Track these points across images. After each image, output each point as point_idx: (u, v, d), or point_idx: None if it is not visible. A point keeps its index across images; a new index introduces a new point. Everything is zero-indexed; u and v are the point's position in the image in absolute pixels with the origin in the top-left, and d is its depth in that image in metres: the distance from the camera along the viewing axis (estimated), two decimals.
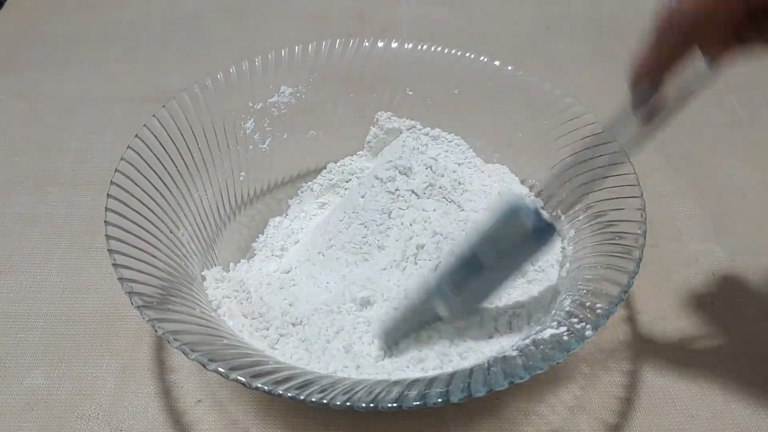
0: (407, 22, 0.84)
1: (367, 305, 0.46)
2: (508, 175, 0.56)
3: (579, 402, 0.47)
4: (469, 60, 0.57)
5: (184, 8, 0.86)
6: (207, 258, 0.49)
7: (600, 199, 0.47)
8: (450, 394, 0.34)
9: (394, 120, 0.57)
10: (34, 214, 0.59)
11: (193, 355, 0.35)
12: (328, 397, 0.34)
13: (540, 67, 0.78)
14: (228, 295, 0.46)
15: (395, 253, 0.48)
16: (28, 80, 0.74)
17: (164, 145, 0.48)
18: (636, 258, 0.41)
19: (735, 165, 0.65)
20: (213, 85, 0.53)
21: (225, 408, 0.46)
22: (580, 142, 0.50)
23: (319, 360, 0.42)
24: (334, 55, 0.58)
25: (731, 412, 0.47)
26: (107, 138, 0.67)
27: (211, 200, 0.52)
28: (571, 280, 0.45)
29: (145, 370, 0.48)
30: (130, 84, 0.74)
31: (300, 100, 0.57)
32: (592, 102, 0.54)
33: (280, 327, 0.43)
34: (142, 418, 0.45)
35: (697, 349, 0.50)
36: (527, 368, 0.35)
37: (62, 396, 0.47)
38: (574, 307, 0.40)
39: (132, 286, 0.39)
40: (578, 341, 0.37)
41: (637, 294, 0.54)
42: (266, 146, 0.56)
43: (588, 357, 0.49)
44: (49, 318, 0.51)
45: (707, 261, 0.57)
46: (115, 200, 0.43)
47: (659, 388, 0.48)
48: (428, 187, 0.50)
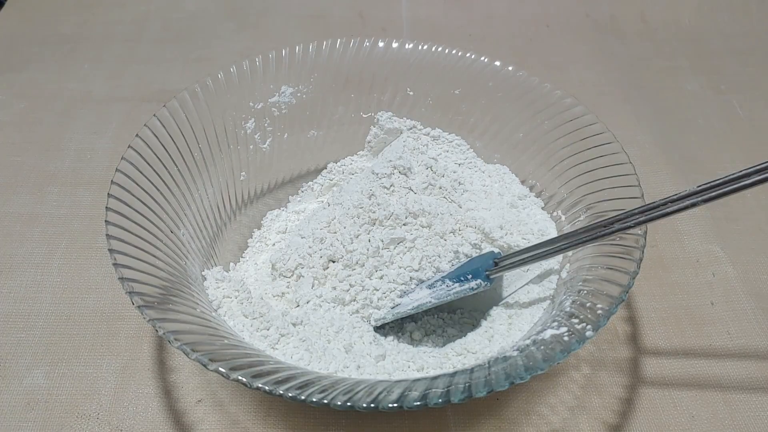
0: (407, 22, 0.84)
1: (331, 263, 0.47)
2: (508, 175, 0.56)
3: (579, 402, 0.47)
4: (470, 60, 0.57)
5: (184, 8, 0.86)
6: (207, 258, 0.49)
7: (600, 200, 0.47)
8: (451, 395, 0.34)
9: (394, 120, 0.57)
10: (34, 214, 0.59)
11: (193, 355, 0.35)
12: (329, 397, 0.34)
13: (540, 67, 0.78)
14: (228, 294, 0.46)
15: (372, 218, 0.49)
16: (28, 80, 0.74)
17: (165, 144, 0.48)
18: (636, 258, 0.41)
19: (735, 165, 0.65)
20: (213, 84, 0.53)
21: (225, 408, 0.46)
22: (581, 143, 0.50)
23: (320, 360, 0.42)
24: (334, 55, 0.58)
25: (731, 412, 0.47)
26: (107, 138, 0.67)
27: (211, 200, 0.52)
28: (571, 280, 0.45)
29: (145, 370, 0.48)
30: (130, 84, 0.74)
31: (300, 99, 0.57)
32: (592, 102, 0.54)
33: (281, 327, 0.43)
34: (143, 418, 0.45)
35: (697, 349, 0.50)
36: (528, 368, 0.35)
37: (62, 396, 0.47)
38: (575, 308, 0.40)
39: (132, 285, 0.38)
40: (579, 342, 0.37)
41: (637, 294, 0.54)
42: (267, 146, 0.56)
43: (588, 357, 0.49)
44: (49, 318, 0.51)
45: (707, 261, 0.57)
46: (115, 200, 0.43)
47: (659, 388, 0.48)
48: (428, 187, 0.50)
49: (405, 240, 0.47)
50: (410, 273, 0.46)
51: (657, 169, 0.65)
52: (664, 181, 0.63)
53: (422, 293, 0.46)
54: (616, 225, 0.41)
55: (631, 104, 0.72)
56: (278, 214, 0.57)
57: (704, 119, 0.71)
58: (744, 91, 0.75)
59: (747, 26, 0.85)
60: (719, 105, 0.73)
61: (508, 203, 0.52)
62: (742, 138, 0.69)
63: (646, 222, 0.40)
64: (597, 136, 0.50)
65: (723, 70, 0.78)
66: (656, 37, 0.82)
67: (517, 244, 0.49)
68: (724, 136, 0.69)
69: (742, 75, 0.78)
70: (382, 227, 0.48)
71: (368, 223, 0.48)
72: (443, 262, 0.47)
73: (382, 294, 0.46)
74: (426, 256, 0.47)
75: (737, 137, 0.69)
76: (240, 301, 0.45)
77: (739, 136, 0.69)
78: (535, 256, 0.45)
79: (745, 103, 0.73)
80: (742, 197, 0.62)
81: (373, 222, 0.48)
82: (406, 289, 0.46)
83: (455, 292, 0.46)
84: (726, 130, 0.70)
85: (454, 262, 0.47)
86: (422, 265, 0.47)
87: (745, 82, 0.77)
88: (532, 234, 0.50)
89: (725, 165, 0.65)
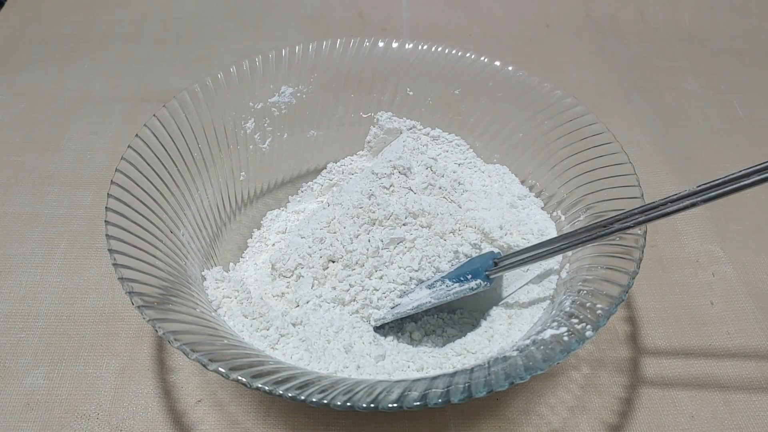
0: (407, 22, 0.84)
1: (331, 262, 0.48)
2: (508, 175, 0.56)
3: (579, 402, 0.47)
4: (470, 60, 0.57)
5: (184, 8, 0.86)
6: (207, 258, 0.49)
7: (600, 200, 0.47)
8: (450, 395, 0.34)
9: (394, 120, 0.57)
10: (34, 214, 0.59)
11: (193, 355, 0.35)
12: (329, 397, 0.34)
13: (540, 67, 0.78)
14: (228, 295, 0.46)
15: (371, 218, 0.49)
16: (28, 80, 0.74)
17: (165, 144, 0.48)
18: (636, 258, 0.41)
19: (735, 165, 0.65)
20: (213, 84, 0.53)
21: (225, 408, 0.46)
22: (581, 143, 0.50)
23: (320, 360, 0.42)
24: (334, 55, 0.58)
25: (731, 412, 0.47)
26: (107, 138, 0.67)
27: (211, 200, 0.52)
28: (571, 280, 0.45)
29: (145, 370, 0.48)
30: (130, 84, 0.74)
31: (300, 99, 0.57)
32: (592, 102, 0.54)
33: (281, 327, 0.43)
34: (142, 418, 0.45)
35: (697, 349, 0.50)
36: (528, 369, 0.35)
37: (62, 396, 0.47)
38: (575, 308, 0.40)
39: (132, 286, 0.38)
40: (579, 342, 0.37)
41: (637, 294, 0.54)
42: (266, 146, 0.56)
43: (588, 357, 0.49)
44: (49, 318, 0.51)
45: (707, 261, 0.57)
46: (115, 200, 0.43)
47: (659, 388, 0.48)
48: (428, 187, 0.50)
49: (405, 240, 0.47)
50: (410, 273, 0.46)
51: (657, 169, 0.65)
52: (664, 181, 0.63)
53: (422, 293, 0.46)
54: (615, 225, 0.41)
55: (631, 104, 0.72)
56: (278, 214, 0.57)
57: (704, 119, 0.71)
58: (744, 91, 0.75)
59: (747, 26, 0.85)
60: (719, 105, 0.73)
61: (508, 203, 0.52)
62: (742, 138, 0.69)
63: (646, 222, 0.40)
64: (597, 136, 0.50)
65: (723, 70, 0.78)
66: (656, 37, 0.82)
67: (516, 244, 0.49)
68: (724, 136, 0.69)
69: (742, 75, 0.78)
70: (382, 227, 0.48)
71: (368, 223, 0.48)
72: (443, 262, 0.47)
73: (382, 294, 0.46)
74: (426, 256, 0.47)
75: (737, 137, 0.69)
76: (240, 301, 0.45)
77: (739, 136, 0.69)
78: (535, 256, 0.45)
79: (745, 103, 0.73)
80: (742, 197, 0.62)
81: (372, 222, 0.48)
82: (405, 289, 0.46)
83: (455, 292, 0.46)
84: (726, 130, 0.70)
85: (453, 262, 0.47)
86: (422, 265, 0.47)
87: (745, 82, 0.77)
88: (531, 234, 0.50)
89: (725, 165, 0.65)
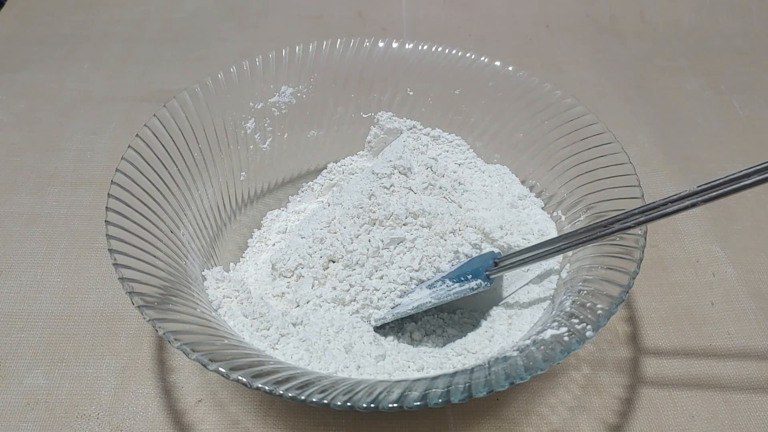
0: (407, 22, 0.84)
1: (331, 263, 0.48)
2: (508, 175, 0.56)
3: (579, 402, 0.47)
4: (470, 60, 0.57)
5: (184, 8, 0.86)
6: (207, 258, 0.49)
7: (600, 200, 0.47)
8: (451, 395, 0.34)
9: (394, 120, 0.57)
10: (34, 214, 0.59)
11: (193, 355, 0.35)
12: (329, 397, 0.34)
13: (540, 67, 0.78)
14: (228, 295, 0.46)
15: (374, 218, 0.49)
16: (28, 80, 0.74)
17: (165, 144, 0.48)
18: (636, 258, 0.41)
19: (735, 165, 0.65)
20: (213, 84, 0.53)
21: (225, 408, 0.46)
22: (581, 143, 0.50)
23: (320, 360, 0.42)
24: (334, 55, 0.58)
25: (731, 412, 0.47)
26: (107, 138, 0.67)
27: (211, 200, 0.52)
28: (571, 280, 0.45)
29: (145, 370, 0.48)
30: (129, 84, 0.74)
31: (300, 99, 0.57)
32: (592, 102, 0.54)
33: (281, 327, 0.43)
34: (143, 418, 0.45)
35: (697, 349, 0.50)
36: (528, 369, 0.35)
37: (62, 396, 0.47)
38: (575, 308, 0.40)
39: (132, 285, 0.38)
40: (579, 342, 0.37)
41: (637, 294, 0.54)
42: (267, 146, 0.56)
43: (588, 357, 0.49)
44: (49, 318, 0.51)
45: (707, 261, 0.57)
46: (115, 200, 0.43)
47: (659, 388, 0.48)
48: (428, 187, 0.50)
49: (405, 240, 0.47)
50: (410, 273, 0.46)
51: (657, 169, 0.65)
52: (664, 181, 0.63)
53: (422, 293, 0.46)
54: (616, 225, 0.41)
55: (631, 104, 0.72)
56: (278, 214, 0.57)
57: (704, 119, 0.71)
58: (744, 91, 0.75)
59: (747, 26, 0.85)
60: (719, 105, 0.73)
61: (508, 203, 0.52)
62: (742, 138, 0.69)
63: (646, 222, 0.40)
64: (597, 136, 0.50)
65: (723, 70, 0.78)
66: (656, 37, 0.82)
67: (517, 244, 0.49)
68: (724, 136, 0.69)
69: (742, 75, 0.78)
70: (382, 227, 0.48)
71: (368, 223, 0.48)
72: (443, 262, 0.47)
73: (382, 294, 0.46)
74: (426, 256, 0.47)
75: (737, 137, 0.69)
76: (240, 301, 0.45)
77: (739, 136, 0.69)
78: (535, 256, 0.45)
79: (745, 103, 0.73)
80: (742, 197, 0.61)
81: (373, 222, 0.48)
82: (406, 289, 0.46)
83: (455, 292, 0.46)
84: (726, 130, 0.70)
85: (454, 262, 0.47)
86: (422, 265, 0.47)
87: (745, 82, 0.77)
88: (532, 234, 0.50)
89: (725, 165, 0.65)
